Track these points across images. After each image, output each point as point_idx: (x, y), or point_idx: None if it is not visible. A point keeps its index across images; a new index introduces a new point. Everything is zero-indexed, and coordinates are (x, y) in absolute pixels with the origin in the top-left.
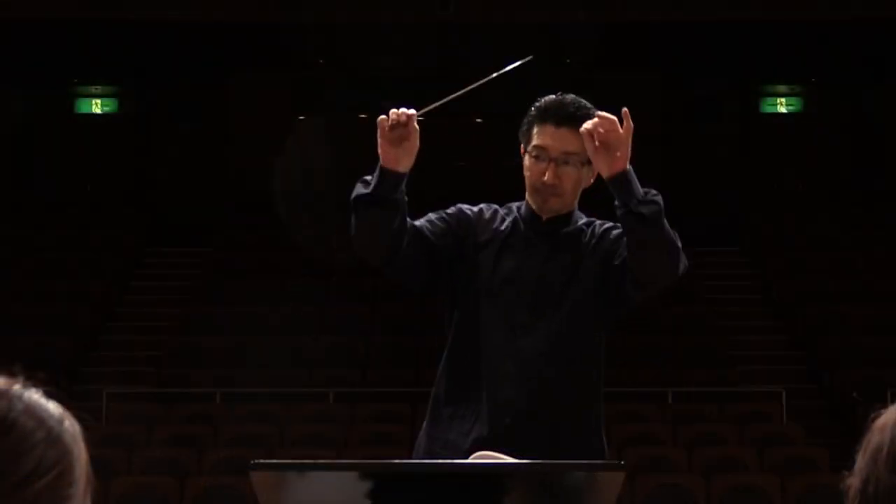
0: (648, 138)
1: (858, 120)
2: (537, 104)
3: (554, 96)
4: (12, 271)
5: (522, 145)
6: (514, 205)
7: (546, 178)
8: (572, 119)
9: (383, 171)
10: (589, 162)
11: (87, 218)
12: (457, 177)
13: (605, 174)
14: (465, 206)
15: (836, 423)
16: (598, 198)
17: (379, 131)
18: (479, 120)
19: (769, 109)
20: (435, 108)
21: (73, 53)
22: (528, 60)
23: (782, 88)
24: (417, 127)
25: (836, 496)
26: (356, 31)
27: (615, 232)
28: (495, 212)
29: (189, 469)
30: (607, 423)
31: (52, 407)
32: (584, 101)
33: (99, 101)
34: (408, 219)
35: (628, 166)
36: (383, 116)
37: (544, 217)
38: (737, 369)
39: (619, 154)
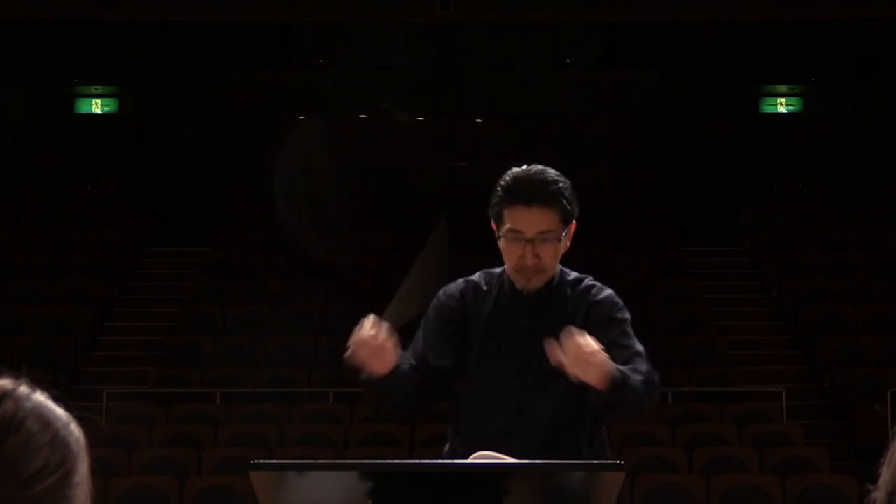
0: (649, 137)
1: (858, 120)
2: (503, 183)
3: (519, 170)
4: (12, 271)
5: (495, 225)
6: (496, 272)
7: (528, 261)
8: (542, 197)
9: (370, 380)
10: (563, 233)
11: (87, 218)
12: (457, 177)
13: (598, 385)
14: (448, 300)
15: (836, 423)
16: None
17: (354, 351)
18: (478, 120)
19: (769, 109)
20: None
21: (73, 53)
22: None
23: (782, 88)
24: (387, 335)
25: (836, 496)
26: (356, 31)
27: (600, 311)
28: (476, 288)
29: (189, 469)
30: (608, 423)
31: (58, 409)
32: (549, 173)
33: (99, 101)
34: (417, 366)
35: (610, 367)
36: (356, 339)
37: (525, 290)
38: (737, 369)
39: (597, 363)
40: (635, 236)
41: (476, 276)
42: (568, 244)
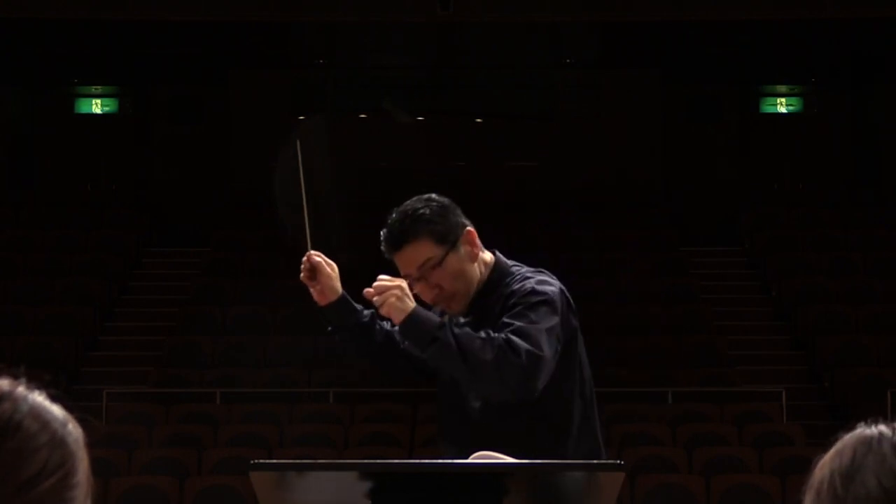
0: (649, 137)
1: (858, 120)
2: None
3: (384, 228)
4: (12, 271)
5: None
6: None
7: (427, 296)
8: (402, 236)
9: (319, 310)
10: (449, 251)
11: (87, 218)
12: (457, 177)
13: (396, 321)
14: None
15: (836, 423)
16: None
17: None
18: (478, 120)
19: (769, 109)
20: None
21: (73, 53)
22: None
23: (782, 88)
24: (321, 260)
25: None
26: (356, 31)
27: (511, 301)
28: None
29: (189, 469)
30: (607, 423)
31: (57, 410)
32: (406, 207)
33: (99, 101)
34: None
35: (407, 315)
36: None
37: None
38: (737, 369)
39: (388, 297)
40: (635, 236)
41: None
42: (475, 250)
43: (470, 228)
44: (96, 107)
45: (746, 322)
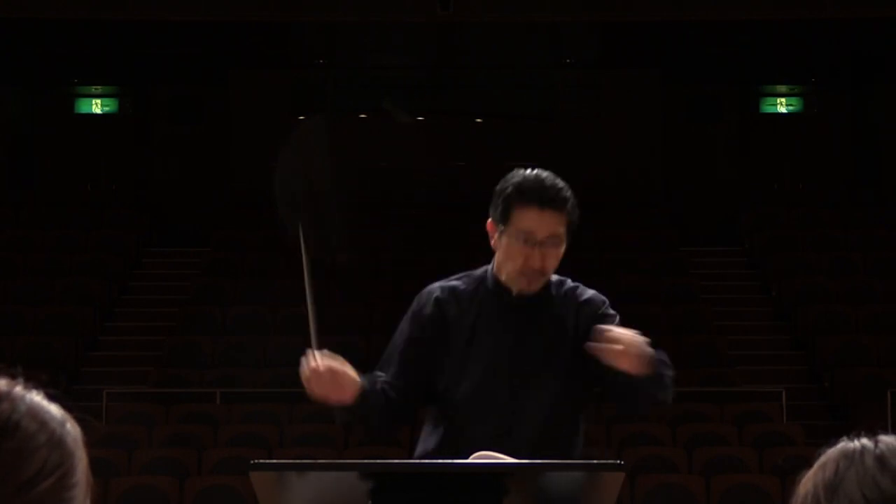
0: (649, 137)
1: (858, 120)
2: (513, 182)
3: (530, 173)
4: (12, 271)
5: (496, 223)
6: (477, 274)
7: (535, 263)
8: (555, 201)
9: (340, 409)
10: (567, 238)
11: (87, 218)
12: (457, 177)
13: (640, 372)
14: (423, 309)
15: (836, 423)
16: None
17: (310, 388)
18: (478, 120)
19: (769, 109)
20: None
21: (73, 53)
22: None
23: (782, 88)
24: (332, 361)
25: None
26: (356, 31)
27: (590, 309)
28: (452, 291)
29: (189, 469)
30: (607, 423)
31: (55, 409)
32: (559, 180)
33: (99, 101)
34: (391, 382)
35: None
36: (304, 376)
37: (515, 291)
38: (737, 369)
39: (643, 356)
40: (635, 236)
41: (454, 279)
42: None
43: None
44: (96, 107)
45: (746, 322)
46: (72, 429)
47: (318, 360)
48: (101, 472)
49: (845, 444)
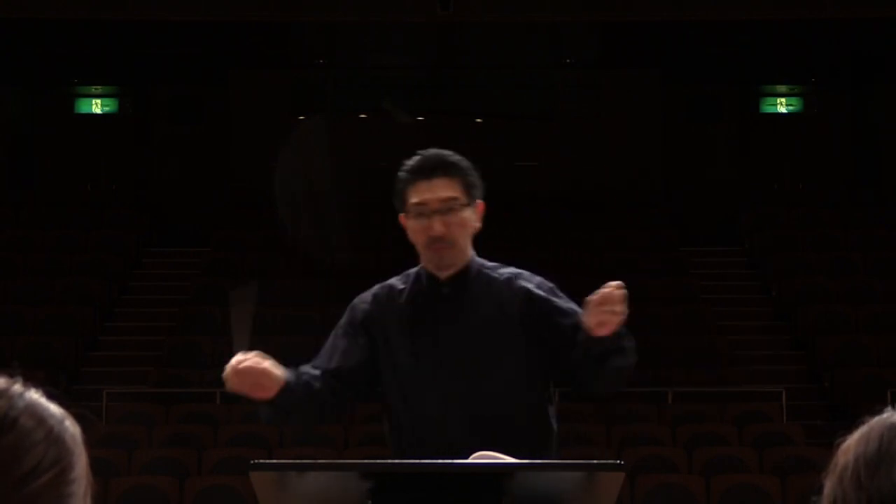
0: (649, 137)
1: (858, 120)
2: (402, 171)
3: (415, 156)
4: (12, 271)
5: (399, 212)
6: (412, 272)
7: (433, 230)
8: (441, 167)
9: (262, 404)
10: (469, 204)
11: (87, 218)
12: None
13: (594, 331)
14: (359, 304)
15: (836, 423)
16: None
17: (230, 384)
18: (478, 120)
19: (769, 109)
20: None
21: (73, 53)
22: None
23: (782, 88)
24: (257, 358)
25: None
26: (356, 31)
27: (535, 293)
28: (390, 289)
29: (189, 469)
30: (607, 423)
31: (53, 407)
32: (448, 152)
33: (99, 101)
34: (319, 373)
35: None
36: (226, 372)
37: (443, 276)
38: (737, 369)
39: (616, 312)
40: (635, 236)
41: (393, 279)
42: (478, 225)
43: (482, 203)
44: (96, 107)
45: (746, 322)
46: (70, 426)
47: (240, 358)
48: (101, 472)
49: (891, 416)
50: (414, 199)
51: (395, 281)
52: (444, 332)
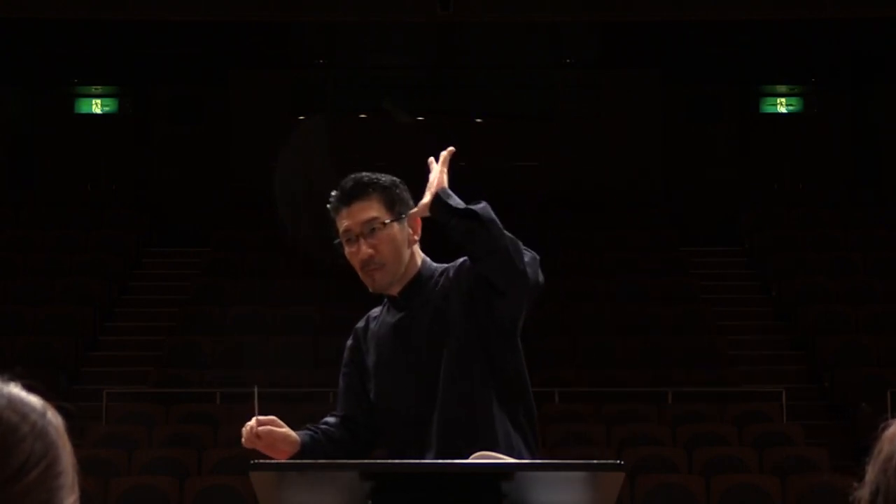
0: (649, 137)
1: (858, 120)
2: (328, 205)
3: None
4: (12, 271)
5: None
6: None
7: (363, 254)
8: (355, 191)
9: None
10: (397, 219)
11: (87, 218)
12: (457, 177)
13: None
14: (348, 342)
15: (836, 423)
16: None
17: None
18: (478, 120)
19: (769, 109)
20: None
21: (73, 53)
22: None
23: (782, 88)
24: (269, 430)
25: (836, 496)
26: (356, 31)
27: (467, 262)
28: (367, 319)
29: (189, 469)
30: (608, 423)
31: (34, 400)
32: (365, 174)
33: (99, 101)
34: (336, 420)
35: (440, 189)
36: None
37: (395, 293)
38: (737, 369)
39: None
40: (635, 236)
41: (373, 309)
42: (415, 236)
43: (417, 216)
44: (96, 107)
45: (746, 322)
46: (53, 418)
47: (254, 422)
48: (101, 472)
49: None
50: (341, 228)
51: (375, 310)
52: (401, 342)
